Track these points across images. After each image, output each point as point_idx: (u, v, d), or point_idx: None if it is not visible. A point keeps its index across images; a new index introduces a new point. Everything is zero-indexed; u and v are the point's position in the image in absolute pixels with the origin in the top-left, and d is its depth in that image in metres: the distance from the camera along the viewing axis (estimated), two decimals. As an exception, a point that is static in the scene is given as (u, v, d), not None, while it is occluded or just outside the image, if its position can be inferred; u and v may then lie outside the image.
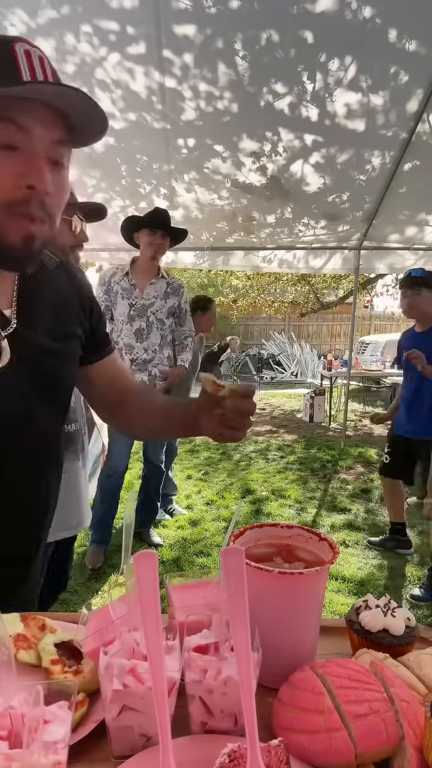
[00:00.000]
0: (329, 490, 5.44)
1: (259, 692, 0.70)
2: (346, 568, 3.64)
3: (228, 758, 0.58)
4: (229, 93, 3.70)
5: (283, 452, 6.98)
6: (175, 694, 0.68)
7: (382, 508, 4.90)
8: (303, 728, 0.66)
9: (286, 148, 4.27)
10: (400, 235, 5.64)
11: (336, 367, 9.48)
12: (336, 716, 0.65)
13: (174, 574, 0.94)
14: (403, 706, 0.68)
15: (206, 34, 3.26)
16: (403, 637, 0.84)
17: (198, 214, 5.26)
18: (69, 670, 0.75)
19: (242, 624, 0.63)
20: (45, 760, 0.56)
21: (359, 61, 3.44)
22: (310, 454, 6.86)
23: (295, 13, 3.09)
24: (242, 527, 0.92)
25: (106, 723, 0.67)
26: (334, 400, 9.40)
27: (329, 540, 0.86)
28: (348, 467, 6.23)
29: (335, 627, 0.94)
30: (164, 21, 3.14)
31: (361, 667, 0.73)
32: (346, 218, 5.32)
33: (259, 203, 5.06)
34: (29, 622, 0.82)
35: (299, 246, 5.98)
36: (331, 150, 4.29)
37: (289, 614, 0.79)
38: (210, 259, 6.15)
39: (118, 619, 0.76)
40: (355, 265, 6.12)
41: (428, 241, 5.62)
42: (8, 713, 0.60)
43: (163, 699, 0.60)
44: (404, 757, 0.64)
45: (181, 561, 3.71)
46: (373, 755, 0.65)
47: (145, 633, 0.62)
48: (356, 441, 7.51)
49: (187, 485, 5.46)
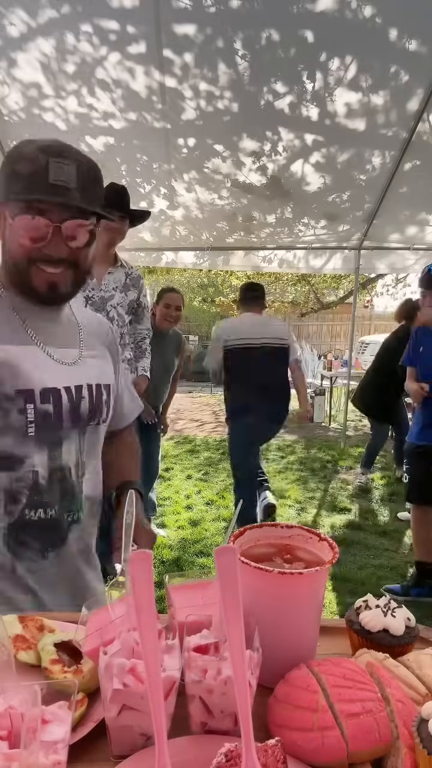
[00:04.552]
0: (329, 490, 5.44)
1: (259, 692, 0.70)
2: (347, 568, 3.64)
3: (225, 758, 0.58)
4: (229, 92, 3.70)
5: (284, 452, 6.98)
6: (175, 694, 0.68)
7: (383, 508, 4.91)
8: (296, 726, 0.66)
9: (286, 147, 4.27)
10: (400, 235, 5.64)
11: (336, 367, 9.49)
12: (329, 715, 0.65)
13: (174, 574, 0.94)
14: (399, 706, 0.68)
15: (206, 33, 3.27)
16: (403, 637, 0.84)
17: (198, 214, 5.26)
18: (68, 669, 0.75)
19: (236, 622, 0.63)
20: (45, 760, 0.56)
21: (359, 61, 3.44)
22: (310, 454, 6.86)
23: (295, 12, 3.09)
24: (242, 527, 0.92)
25: (106, 723, 0.66)
26: (334, 400, 9.40)
27: (329, 540, 0.86)
28: (348, 467, 6.23)
29: (335, 627, 0.94)
30: (164, 20, 3.14)
31: (356, 667, 0.73)
32: (346, 218, 5.32)
33: (259, 203, 5.06)
34: (28, 623, 0.82)
35: (299, 246, 5.98)
36: (332, 149, 4.29)
37: (289, 614, 0.79)
38: (210, 258, 6.15)
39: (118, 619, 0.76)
40: (355, 265, 6.12)
41: (429, 240, 5.62)
42: (8, 713, 0.60)
43: (159, 699, 0.60)
44: (398, 757, 0.64)
45: (181, 561, 3.71)
46: (366, 754, 0.65)
47: (140, 633, 0.62)
48: (356, 441, 7.50)
49: (187, 485, 5.46)
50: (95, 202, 1.10)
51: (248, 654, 0.66)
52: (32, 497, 1.11)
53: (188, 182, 4.72)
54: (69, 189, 1.04)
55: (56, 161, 1.03)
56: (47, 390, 1.11)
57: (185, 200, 5.00)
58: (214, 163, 4.47)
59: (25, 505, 1.11)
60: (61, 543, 1.16)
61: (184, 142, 4.24)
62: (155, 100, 3.78)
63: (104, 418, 1.25)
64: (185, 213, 5.21)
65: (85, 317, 1.31)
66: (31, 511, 1.11)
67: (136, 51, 3.37)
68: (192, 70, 3.53)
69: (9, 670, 0.72)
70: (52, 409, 1.11)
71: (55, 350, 1.16)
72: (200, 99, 3.77)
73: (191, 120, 3.94)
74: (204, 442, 7.36)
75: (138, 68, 3.51)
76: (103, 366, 1.28)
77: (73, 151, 1.08)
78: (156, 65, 3.48)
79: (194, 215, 5.28)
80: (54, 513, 1.14)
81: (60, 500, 1.15)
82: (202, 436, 7.79)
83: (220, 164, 4.46)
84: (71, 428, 1.16)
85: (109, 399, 1.27)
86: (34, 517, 1.12)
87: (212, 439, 7.64)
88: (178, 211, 5.12)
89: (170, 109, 3.85)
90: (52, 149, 1.05)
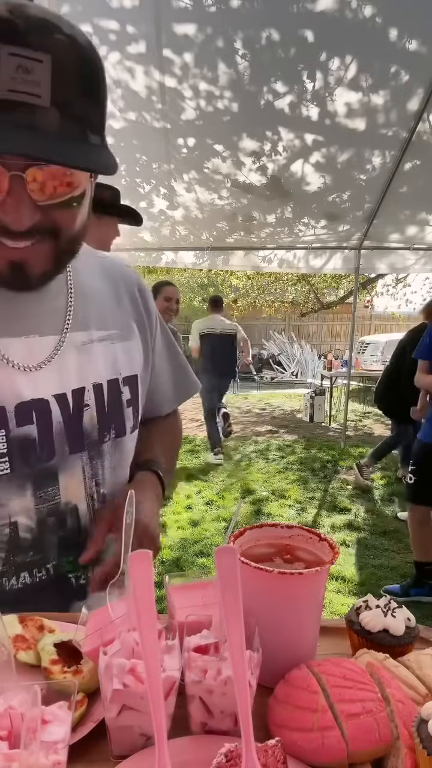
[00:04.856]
0: (329, 490, 5.43)
1: (259, 692, 0.70)
2: (346, 568, 3.64)
3: (225, 758, 0.58)
4: (229, 92, 3.70)
5: (284, 452, 6.98)
6: (175, 694, 0.68)
7: (383, 508, 4.91)
8: (296, 726, 0.66)
9: (286, 147, 4.27)
10: (400, 235, 5.64)
11: (336, 367, 9.49)
12: (329, 715, 0.65)
13: (174, 575, 0.94)
14: (399, 706, 0.68)
15: (206, 33, 3.27)
16: (403, 637, 0.84)
17: (198, 214, 5.26)
18: (68, 670, 0.75)
19: (236, 623, 0.63)
20: (45, 760, 0.56)
21: (360, 61, 3.44)
22: (310, 454, 6.85)
23: (295, 12, 3.09)
24: (242, 527, 0.92)
25: (106, 723, 0.66)
26: (334, 400, 9.40)
27: (329, 540, 0.86)
28: (348, 467, 6.22)
29: (335, 627, 0.94)
30: (164, 20, 3.15)
31: (356, 667, 0.73)
32: (346, 218, 5.32)
33: (259, 203, 5.06)
34: (27, 623, 0.82)
35: (299, 246, 5.98)
36: (332, 149, 4.29)
37: (289, 615, 0.79)
38: (210, 258, 6.15)
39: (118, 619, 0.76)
40: (355, 265, 6.12)
41: (429, 240, 5.62)
42: (8, 713, 0.60)
43: (159, 699, 0.60)
44: (398, 757, 0.64)
45: (181, 561, 3.71)
46: (366, 755, 0.65)
47: (140, 633, 0.62)
48: (356, 441, 7.51)
49: (187, 485, 5.46)
50: (86, 127, 0.66)
51: (248, 654, 0.66)
52: (11, 558, 0.82)
53: (188, 182, 4.72)
54: (37, 108, 0.60)
55: (14, 51, 0.58)
56: (26, 404, 0.78)
57: (185, 200, 5.00)
58: (214, 163, 4.47)
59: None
60: (65, 608, 0.88)
61: (183, 142, 4.24)
62: (155, 100, 3.78)
63: (131, 426, 0.92)
64: (185, 213, 5.21)
65: (94, 281, 0.92)
66: (9, 579, 0.83)
67: (136, 51, 3.37)
68: (192, 70, 3.53)
69: (9, 670, 0.72)
70: (35, 430, 0.79)
71: (35, 342, 0.80)
72: (200, 99, 3.77)
73: (191, 120, 3.94)
74: (204, 442, 7.36)
75: (138, 68, 3.52)
76: (122, 350, 0.92)
77: (49, 24, 0.60)
78: (156, 65, 3.48)
79: (194, 215, 5.28)
80: (46, 574, 0.86)
81: (59, 555, 0.86)
82: (202, 436, 7.79)
83: (220, 164, 4.46)
84: (73, 452, 0.84)
85: (136, 397, 0.93)
86: (16, 584, 0.83)
87: (212, 439, 7.63)
88: (177, 211, 5.12)
89: (170, 109, 3.85)
90: (7, 22, 0.58)
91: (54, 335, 0.82)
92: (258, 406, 10.79)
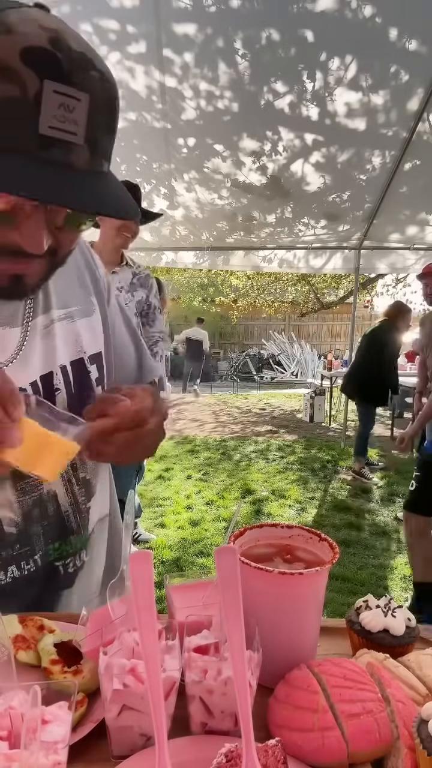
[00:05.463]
0: (329, 490, 5.43)
1: (259, 692, 0.70)
2: (346, 568, 3.64)
3: (225, 758, 0.58)
4: (229, 92, 3.70)
5: (284, 452, 6.97)
6: (175, 694, 0.68)
7: (383, 508, 4.91)
8: (297, 726, 0.66)
9: (286, 147, 4.27)
10: (400, 235, 5.64)
11: (336, 367, 9.48)
12: (330, 715, 0.65)
13: (174, 575, 0.94)
14: (399, 706, 0.68)
15: (206, 33, 3.27)
16: (403, 637, 0.84)
17: (198, 214, 5.26)
18: (68, 670, 0.75)
19: (237, 623, 0.63)
20: (45, 760, 0.56)
21: (359, 60, 3.44)
22: (310, 454, 6.85)
23: (295, 12, 3.09)
24: (242, 527, 0.92)
25: (106, 723, 0.66)
26: (334, 400, 9.39)
27: (329, 540, 0.86)
28: (348, 467, 6.22)
29: (335, 627, 0.94)
30: (164, 20, 3.15)
31: (356, 667, 0.73)
32: (346, 218, 5.32)
33: (259, 203, 5.07)
34: (27, 623, 0.82)
35: (299, 246, 5.98)
36: (332, 149, 4.30)
37: (289, 615, 0.79)
38: (210, 258, 6.16)
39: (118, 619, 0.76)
40: (355, 265, 6.12)
41: (429, 240, 5.62)
42: (8, 713, 0.60)
43: (159, 700, 0.60)
44: (399, 757, 0.64)
45: (181, 561, 3.71)
46: (366, 755, 0.65)
47: (140, 633, 0.62)
48: (356, 441, 7.50)
49: (187, 485, 5.45)
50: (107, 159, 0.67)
51: (248, 654, 0.66)
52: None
53: (188, 182, 4.73)
54: (73, 146, 0.60)
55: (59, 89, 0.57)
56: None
57: (185, 200, 5.00)
58: (214, 163, 4.47)
59: None
60: (54, 603, 0.90)
61: (184, 141, 4.25)
62: (155, 99, 3.78)
63: None
64: (185, 213, 5.21)
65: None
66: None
67: (136, 51, 3.37)
68: (192, 70, 3.54)
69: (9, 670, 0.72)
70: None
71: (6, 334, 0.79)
72: (200, 99, 3.77)
73: (191, 120, 3.94)
74: (204, 442, 7.36)
75: (138, 68, 3.52)
76: (85, 327, 0.89)
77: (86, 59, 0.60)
78: (156, 65, 3.48)
79: (194, 215, 5.28)
80: (34, 566, 0.86)
81: (44, 544, 0.87)
82: (202, 436, 7.79)
83: (220, 164, 4.47)
84: None
85: (103, 375, 0.91)
86: (5, 579, 0.84)
87: (212, 439, 7.64)
88: (178, 211, 5.13)
89: (170, 108, 3.85)
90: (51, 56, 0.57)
91: (22, 324, 0.81)
92: (258, 406, 10.79)
